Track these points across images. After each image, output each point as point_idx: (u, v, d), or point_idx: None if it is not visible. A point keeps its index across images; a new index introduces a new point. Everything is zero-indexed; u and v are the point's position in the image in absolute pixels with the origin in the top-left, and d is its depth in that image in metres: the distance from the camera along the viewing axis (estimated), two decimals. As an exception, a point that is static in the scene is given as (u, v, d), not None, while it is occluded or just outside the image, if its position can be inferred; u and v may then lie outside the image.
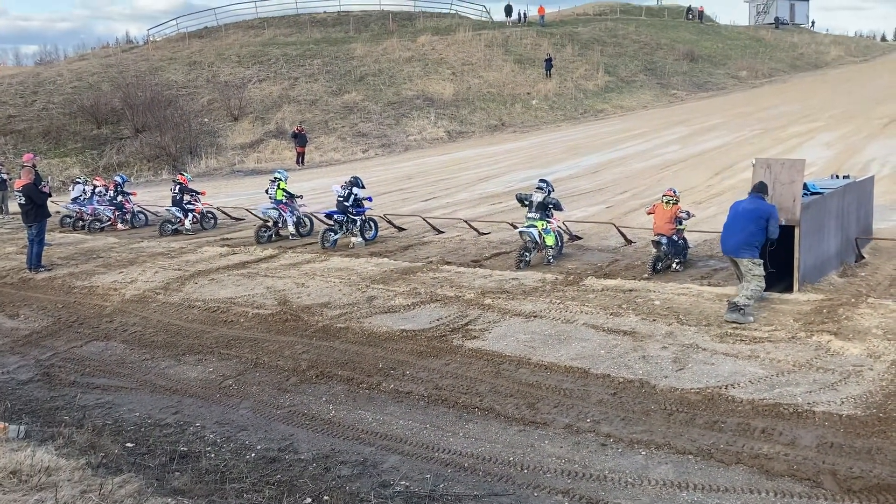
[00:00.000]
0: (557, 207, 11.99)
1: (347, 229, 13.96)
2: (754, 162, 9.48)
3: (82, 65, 40.49)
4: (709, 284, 9.86)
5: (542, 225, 11.73)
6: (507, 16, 53.07)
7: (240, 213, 18.40)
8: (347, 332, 8.78)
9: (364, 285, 10.46)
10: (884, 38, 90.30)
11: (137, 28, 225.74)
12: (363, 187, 14.41)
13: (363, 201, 14.20)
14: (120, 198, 17.85)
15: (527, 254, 11.71)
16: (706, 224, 14.64)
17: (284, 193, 15.10)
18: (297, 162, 30.54)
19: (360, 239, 13.97)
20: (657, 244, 10.90)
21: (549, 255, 11.83)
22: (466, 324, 8.66)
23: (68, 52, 46.24)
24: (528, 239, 11.67)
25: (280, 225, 15.00)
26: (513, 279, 10.50)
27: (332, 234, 13.90)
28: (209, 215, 17.29)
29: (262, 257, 12.90)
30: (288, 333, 9.00)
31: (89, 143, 31.54)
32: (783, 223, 8.67)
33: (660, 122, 34.34)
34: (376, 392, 7.23)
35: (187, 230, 16.42)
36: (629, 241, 13.48)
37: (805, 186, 9.57)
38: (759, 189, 8.84)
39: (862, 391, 6.24)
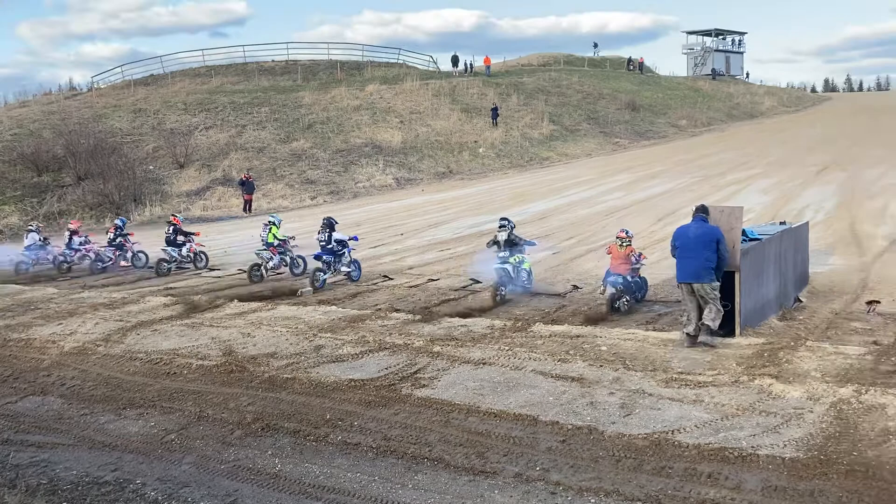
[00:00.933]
0: (529, 244, 13.60)
1: (335, 269, 14.93)
2: (694, 210, 9.73)
3: (23, 112, 39.68)
4: (653, 329, 10.02)
5: (515, 259, 13.08)
6: (453, 66, 54.03)
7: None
8: (294, 382, 8.64)
9: (311, 334, 10.33)
10: (814, 90, 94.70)
11: (81, 75, 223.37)
12: (337, 222, 15.47)
13: (349, 241, 15.28)
14: (120, 239, 18.75)
15: (503, 288, 12.79)
16: (650, 269, 14.89)
17: (275, 238, 15.98)
18: (245, 209, 30.28)
19: (309, 289, 14.06)
20: (613, 283, 11.47)
21: (522, 281, 13.19)
22: (415, 372, 8.60)
23: (9, 98, 45.10)
24: (503, 273, 12.83)
25: (273, 267, 15.93)
26: (461, 326, 10.51)
27: (322, 273, 14.68)
28: (201, 255, 18.22)
29: (207, 306, 12.66)
30: (233, 385, 8.80)
31: (29, 190, 30.76)
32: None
33: (604, 170, 35.15)
34: (323, 444, 7.09)
35: (181, 262, 17.75)
36: (576, 287, 13.67)
37: (744, 233, 9.87)
38: (703, 210, 9.18)
39: (803, 434, 6.37)
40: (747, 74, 75.56)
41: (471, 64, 55.53)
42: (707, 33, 72.91)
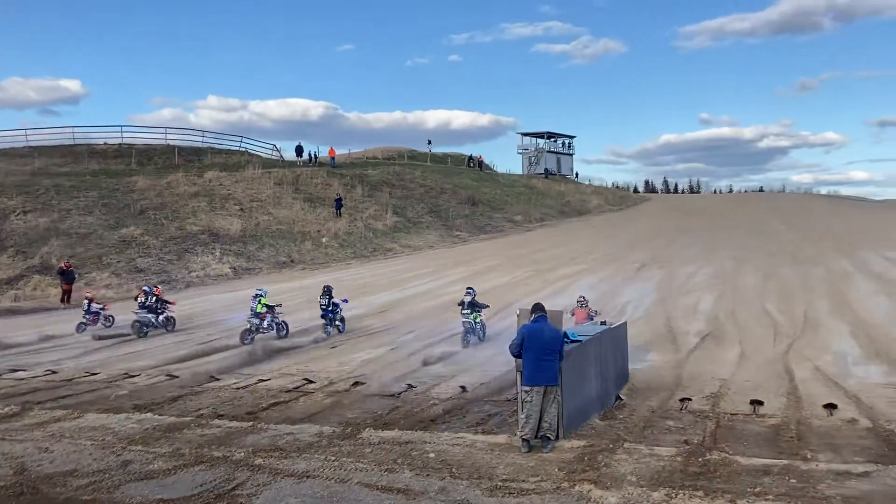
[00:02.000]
0: (483, 306, 18.79)
1: (334, 324, 19.90)
2: (518, 312, 10.02)
3: None
4: (482, 432, 10.02)
5: (474, 317, 18.36)
6: (298, 156, 54.08)
7: None
8: (95, 505, 7.81)
9: (120, 447, 9.47)
10: (636, 190, 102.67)
11: None
12: (333, 288, 20.46)
13: (341, 303, 20.28)
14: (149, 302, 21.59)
15: (469, 335, 17.96)
16: (484, 366, 15.14)
17: (264, 307, 19.19)
18: (63, 300, 28.04)
19: (125, 391, 13.05)
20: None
21: (479, 333, 18.44)
22: (233, 489, 8.04)
23: None
24: (469, 326, 18.12)
25: (262, 331, 19.08)
26: (288, 434, 10.04)
27: (328, 326, 19.77)
28: (171, 319, 21.52)
29: (1, 415, 11.38)
30: (22, 510, 7.83)
31: None
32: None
33: (444, 262, 35.87)
34: (121, 579, 6.39)
35: (157, 327, 20.98)
36: (411, 386, 13.54)
37: (565, 335, 10.21)
38: (542, 309, 9.40)
39: (618, 542, 6.47)
40: (577, 174, 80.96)
41: (315, 154, 55.87)
42: (540, 135, 77.88)
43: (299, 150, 54.26)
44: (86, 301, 22.62)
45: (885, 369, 14.03)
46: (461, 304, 18.55)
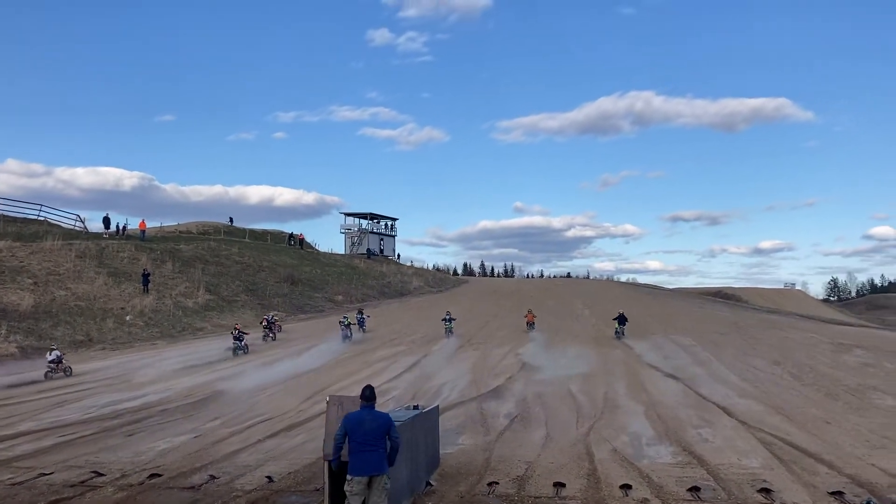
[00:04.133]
0: (454, 319, 36.82)
1: (362, 327, 37.43)
2: (328, 400, 9.83)
3: None
4: (287, 526, 9.58)
5: (451, 325, 35.50)
6: (105, 227, 50.96)
7: None
8: None
9: None
10: (455, 272, 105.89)
11: None
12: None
13: (366, 317, 38.41)
14: (269, 325, 35.96)
15: (449, 333, 34.74)
16: (294, 454, 14.60)
17: (348, 323, 35.41)
18: None
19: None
20: (532, 324, 37.76)
21: (451, 331, 35.25)
22: None
23: None
24: (448, 328, 35.90)
25: (348, 336, 34.59)
26: (67, 536, 9.07)
27: (360, 329, 37.05)
28: (247, 346, 31.97)
29: None
30: None
31: None
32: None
33: (259, 344, 34.68)
34: None
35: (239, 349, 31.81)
36: (213, 477, 12.77)
37: (378, 421, 10.11)
38: (371, 397, 9.13)
39: None
40: (399, 255, 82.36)
41: (124, 227, 52.91)
42: (364, 216, 78.85)
43: (107, 222, 51.23)
44: (265, 321, 35.89)
45: (674, 449, 15.05)
46: (444, 319, 36.86)
